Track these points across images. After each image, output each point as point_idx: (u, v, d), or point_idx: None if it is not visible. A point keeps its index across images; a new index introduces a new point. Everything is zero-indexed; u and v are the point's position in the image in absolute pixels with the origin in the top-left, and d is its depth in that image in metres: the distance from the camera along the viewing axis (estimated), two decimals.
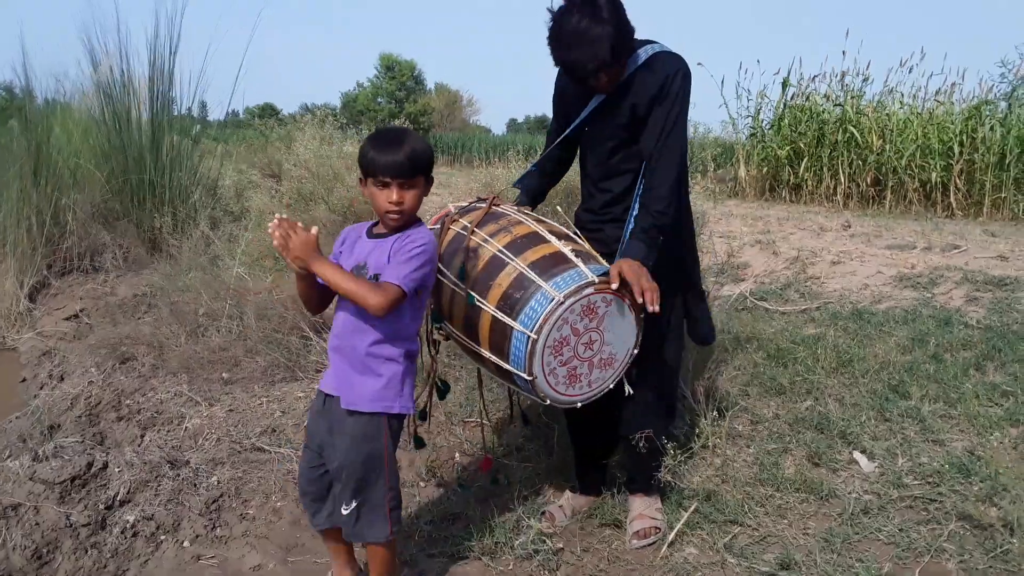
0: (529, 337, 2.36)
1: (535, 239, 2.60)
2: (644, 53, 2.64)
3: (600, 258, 2.61)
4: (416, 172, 2.30)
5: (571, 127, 2.83)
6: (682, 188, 2.79)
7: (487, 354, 2.56)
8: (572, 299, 2.38)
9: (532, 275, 2.44)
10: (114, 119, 8.08)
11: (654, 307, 2.39)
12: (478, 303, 2.51)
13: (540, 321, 2.35)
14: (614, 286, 2.43)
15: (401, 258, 2.27)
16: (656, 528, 2.94)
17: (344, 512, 2.38)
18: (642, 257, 2.49)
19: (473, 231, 2.68)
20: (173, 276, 6.23)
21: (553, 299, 2.36)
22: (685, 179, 2.85)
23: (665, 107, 2.60)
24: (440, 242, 2.72)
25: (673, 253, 2.76)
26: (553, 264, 2.48)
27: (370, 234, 2.40)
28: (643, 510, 3.01)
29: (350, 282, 2.20)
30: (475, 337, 2.58)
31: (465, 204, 2.93)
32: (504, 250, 2.55)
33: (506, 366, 2.48)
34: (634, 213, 2.66)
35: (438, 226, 2.81)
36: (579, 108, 2.79)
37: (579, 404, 2.58)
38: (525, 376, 2.41)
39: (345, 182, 6.30)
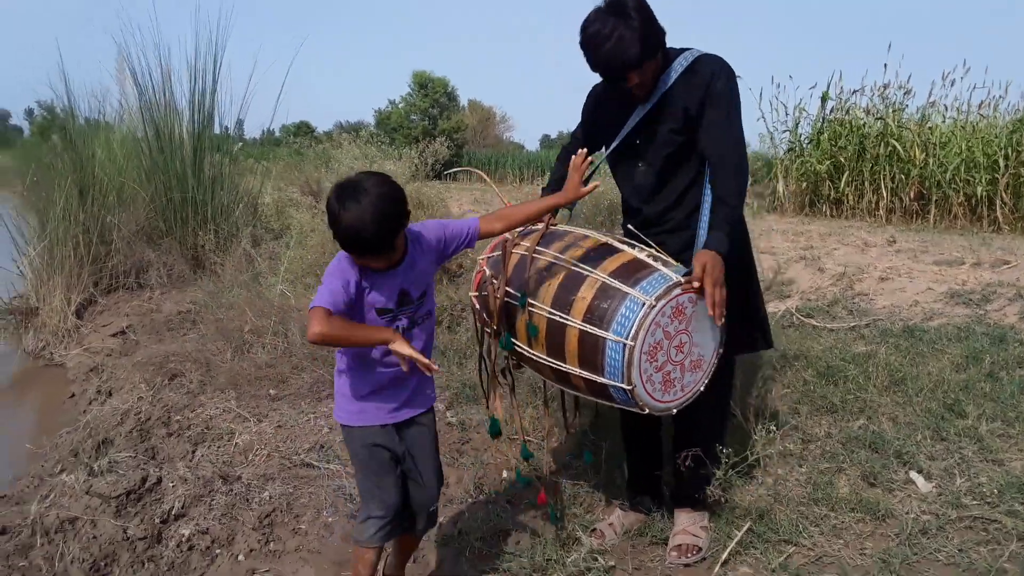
0: (626, 345, 2.33)
1: (608, 249, 2.58)
2: (685, 59, 2.67)
3: (673, 261, 2.58)
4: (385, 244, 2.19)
5: (616, 141, 2.82)
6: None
7: (577, 371, 2.50)
8: (662, 302, 2.35)
9: (616, 283, 2.41)
10: (157, 138, 8.22)
11: (719, 320, 2.43)
12: (561, 319, 2.47)
13: (635, 327, 2.32)
14: (696, 284, 2.41)
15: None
16: (697, 548, 2.90)
17: (432, 510, 2.55)
18: (724, 247, 2.49)
19: (540, 250, 2.65)
20: (217, 293, 6.32)
21: (644, 303, 2.33)
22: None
23: (717, 107, 2.63)
24: (505, 268, 2.70)
25: (736, 254, 2.73)
26: (634, 270, 2.45)
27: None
28: (687, 525, 2.98)
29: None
30: (560, 356, 2.54)
31: (521, 228, 2.91)
32: (579, 263, 2.52)
33: (601, 380, 2.44)
34: (707, 207, 2.64)
35: (498, 252, 2.80)
36: (618, 120, 2.80)
37: (674, 411, 2.55)
38: (624, 386, 2.38)
39: None
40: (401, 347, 2.20)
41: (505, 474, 3.58)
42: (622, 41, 2.46)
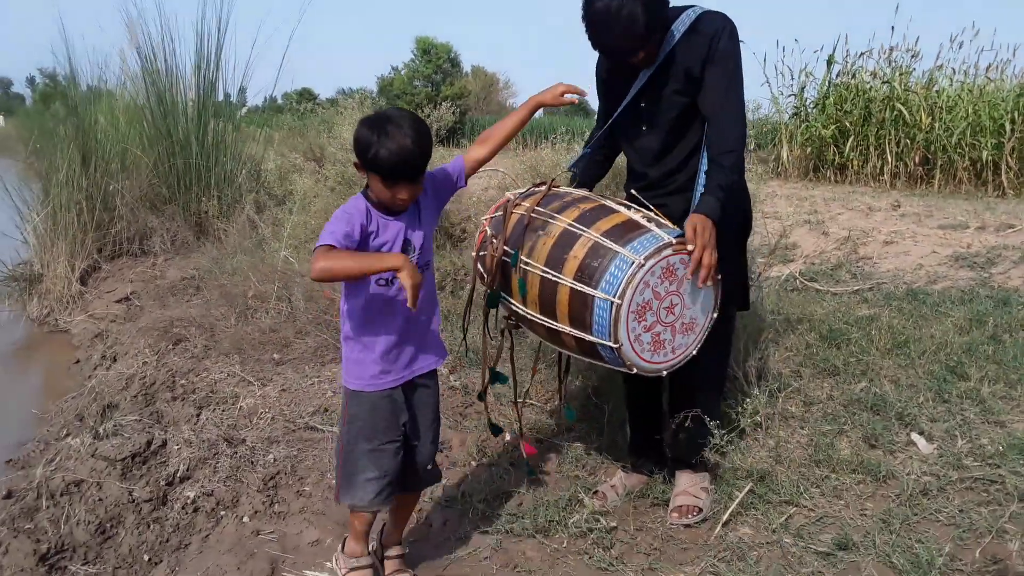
0: (612, 303, 2.33)
1: (604, 210, 2.57)
2: (688, 17, 2.62)
3: (670, 223, 2.56)
4: (425, 168, 2.26)
5: (623, 105, 2.77)
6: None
7: (567, 329, 2.51)
8: (652, 261, 2.34)
9: (608, 243, 2.40)
10: (160, 104, 8.18)
11: (700, 283, 2.40)
12: (553, 277, 2.47)
13: (622, 286, 2.31)
14: (690, 247, 2.39)
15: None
16: (697, 508, 2.92)
17: (430, 468, 2.57)
18: (715, 213, 2.46)
19: (538, 210, 2.64)
20: (221, 259, 6.32)
21: (633, 262, 2.32)
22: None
23: (718, 66, 2.58)
24: (504, 227, 2.69)
25: (734, 217, 2.70)
26: (627, 230, 2.44)
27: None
28: (687, 487, 2.99)
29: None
30: (552, 314, 2.54)
31: (523, 190, 2.89)
32: (575, 223, 2.51)
33: (589, 338, 2.44)
34: (703, 170, 2.62)
35: (499, 214, 2.79)
36: (625, 84, 2.75)
37: (664, 372, 2.55)
38: (611, 344, 2.38)
39: None
40: (411, 277, 2.14)
41: (508, 436, 3.60)
42: (631, 21, 2.41)
